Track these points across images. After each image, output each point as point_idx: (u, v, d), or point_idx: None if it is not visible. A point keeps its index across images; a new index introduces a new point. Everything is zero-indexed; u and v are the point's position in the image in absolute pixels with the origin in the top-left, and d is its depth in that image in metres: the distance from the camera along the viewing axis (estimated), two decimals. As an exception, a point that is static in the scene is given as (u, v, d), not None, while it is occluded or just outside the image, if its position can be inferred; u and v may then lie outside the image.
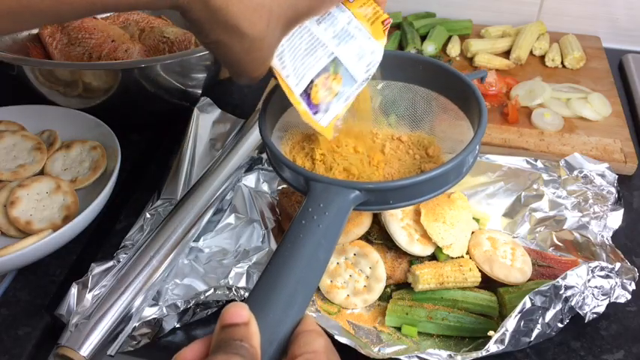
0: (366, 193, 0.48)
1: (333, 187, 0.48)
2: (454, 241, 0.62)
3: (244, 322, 0.37)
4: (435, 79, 0.62)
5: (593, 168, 0.72)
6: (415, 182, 0.50)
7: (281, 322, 0.40)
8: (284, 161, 0.53)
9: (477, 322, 0.60)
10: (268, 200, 0.72)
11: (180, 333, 0.61)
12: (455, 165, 0.51)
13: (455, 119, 0.61)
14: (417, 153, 0.63)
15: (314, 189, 0.48)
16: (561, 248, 0.67)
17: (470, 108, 0.58)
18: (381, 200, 0.50)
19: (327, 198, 0.47)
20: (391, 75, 0.63)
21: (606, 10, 1.07)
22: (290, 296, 0.41)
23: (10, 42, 0.92)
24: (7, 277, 0.65)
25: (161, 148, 0.84)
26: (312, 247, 0.44)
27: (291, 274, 0.42)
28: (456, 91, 0.60)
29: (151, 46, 0.92)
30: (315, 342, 0.39)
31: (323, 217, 0.46)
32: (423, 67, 0.62)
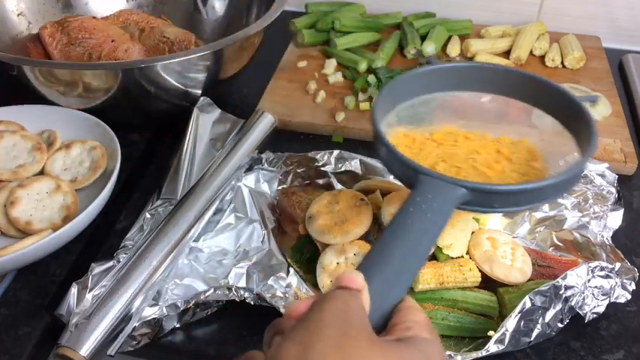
0: (471, 192, 0.51)
1: (442, 182, 0.51)
2: (454, 241, 0.62)
3: (358, 288, 0.40)
4: (545, 97, 0.63)
5: (593, 168, 0.72)
6: (521, 190, 0.52)
7: (386, 295, 0.42)
8: (396, 153, 0.55)
9: (477, 322, 0.60)
10: (268, 200, 0.72)
11: (180, 333, 0.61)
12: (565, 179, 0.53)
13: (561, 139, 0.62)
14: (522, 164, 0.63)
15: (424, 182, 0.51)
16: (561, 248, 0.67)
17: (578, 129, 0.60)
18: (485, 202, 0.52)
19: (436, 191, 0.50)
20: (498, 89, 0.65)
21: (606, 10, 1.07)
22: (395, 274, 0.44)
23: (10, 42, 0.92)
24: (7, 277, 0.65)
25: (161, 148, 0.84)
26: (419, 232, 0.47)
27: (397, 254, 0.45)
28: (564, 111, 0.61)
29: (151, 46, 0.92)
30: (416, 315, 0.41)
31: (431, 207, 0.48)
32: (535, 86, 0.63)
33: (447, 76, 0.65)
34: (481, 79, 0.65)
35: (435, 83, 0.65)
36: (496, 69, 0.66)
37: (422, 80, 0.65)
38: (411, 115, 0.65)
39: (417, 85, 0.65)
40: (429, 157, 0.61)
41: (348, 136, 0.86)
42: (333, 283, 0.41)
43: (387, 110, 0.63)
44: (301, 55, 1.03)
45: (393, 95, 0.63)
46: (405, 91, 0.64)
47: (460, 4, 1.11)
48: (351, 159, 0.74)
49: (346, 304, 0.38)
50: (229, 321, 0.62)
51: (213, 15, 1.02)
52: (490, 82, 0.65)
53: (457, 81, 0.66)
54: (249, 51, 0.86)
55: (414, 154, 0.62)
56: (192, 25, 1.01)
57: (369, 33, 1.05)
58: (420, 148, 0.63)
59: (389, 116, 0.63)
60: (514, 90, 0.65)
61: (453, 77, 0.66)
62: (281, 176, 0.75)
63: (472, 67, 0.67)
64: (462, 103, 0.67)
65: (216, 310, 0.62)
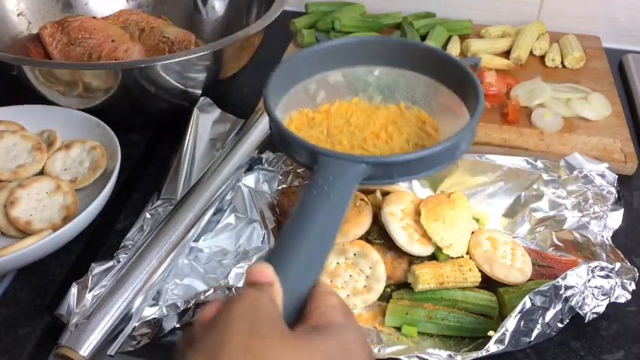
0: (372, 166, 0.51)
1: (342, 160, 0.50)
2: (454, 241, 0.62)
3: (269, 281, 0.39)
4: (430, 65, 0.64)
5: (593, 168, 0.72)
6: (419, 157, 0.52)
7: (299, 283, 0.42)
8: (293, 137, 0.54)
9: (477, 322, 0.60)
10: (268, 200, 0.72)
11: (180, 333, 0.61)
12: (456, 142, 0.53)
13: (451, 103, 0.63)
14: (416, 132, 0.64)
15: (324, 162, 0.50)
16: (561, 248, 0.67)
17: (467, 93, 0.60)
18: (386, 174, 0.52)
19: (336, 171, 0.50)
20: (387, 62, 0.66)
21: (606, 10, 1.07)
22: (306, 260, 0.43)
23: (10, 42, 0.92)
24: (7, 277, 0.65)
25: (161, 148, 0.84)
26: (325, 215, 0.46)
27: (306, 239, 0.44)
28: (451, 76, 0.62)
29: (151, 46, 0.92)
30: (330, 299, 0.40)
31: (333, 188, 0.48)
32: (418, 54, 0.64)
33: (337, 53, 0.65)
34: (369, 53, 0.66)
35: (325, 62, 0.66)
36: (382, 41, 0.67)
37: (312, 60, 0.65)
38: (305, 96, 0.65)
39: (309, 65, 0.65)
40: (326, 136, 0.62)
41: (348, 136, 0.86)
42: (244, 280, 0.39)
43: (281, 94, 0.62)
44: (301, 55, 1.02)
45: (286, 78, 0.63)
46: (297, 73, 0.64)
47: (460, 4, 1.11)
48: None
49: (254, 301, 0.37)
50: (229, 321, 0.62)
51: (213, 15, 1.02)
52: (379, 55, 0.66)
53: (347, 57, 0.66)
54: (249, 51, 0.86)
55: (311, 136, 0.62)
56: (192, 25, 1.01)
57: (369, 33, 1.05)
58: (316, 129, 0.63)
59: (283, 100, 0.63)
60: (403, 61, 0.65)
61: (342, 54, 0.66)
62: (281, 176, 0.75)
63: (359, 42, 0.67)
64: (354, 78, 0.67)
65: (216, 310, 0.62)
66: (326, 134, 0.63)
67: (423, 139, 0.62)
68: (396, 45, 0.66)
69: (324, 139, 0.62)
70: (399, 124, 0.64)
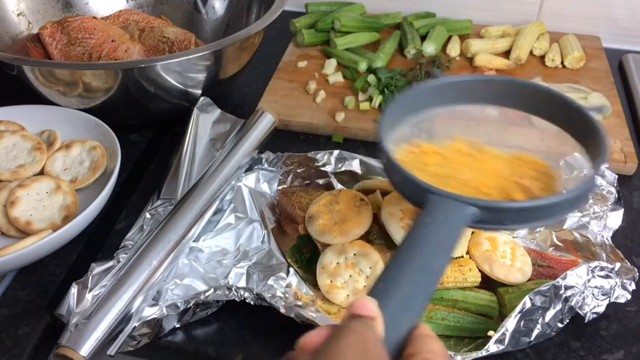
0: (482, 210, 0.49)
1: (454, 201, 0.49)
2: (454, 241, 0.62)
3: (372, 316, 0.38)
4: (554, 110, 0.62)
5: (593, 168, 0.72)
6: (531, 206, 0.51)
7: (400, 321, 0.41)
8: (404, 173, 0.53)
9: (477, 322, 0.60)
10: (268, 200, 0.72)
11: (180, 333, 0.61)
12: (576, 194, 0.52)
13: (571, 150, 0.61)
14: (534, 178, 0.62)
15: (434, 202, 0.49)
16: (561, 248, 0.67)
17: (588, 141, 0.59)
18: (496, 220, 0.51)
19: (445, 211, 0.49)
20: (509, 102, 0.64)
21: (606, 10, 1.07)
22: (407, 299, 0.42)
23: (10, 42, 0.92)
24: (7, 277, 0.65)
25: (161, 148, 0.84)
26: (431, 254, 0.46)
27: (410, 277, 0.43)
28: (574, 122, 0.60)
29: (151, 46, 0.92)
30: (433, 344, 0.39)
31: (441, 227, 0.47)
32: (544, 98, 0.62)
33: (454, 89, 0.64)
34: (489, 92, 0.64)
35: (440, 97, 0.64)
36: (504, 81, 0.65)
37: (427, 95, 0.64)
38: (418, 130, 0.64)
39: (423, 99, 0.63)
40: (437, 174, 0.60)
41: (348, 136, 0.87)
42: (346, 310, 0.39)
43: (393, 126, 0.61)
44: (301, 55, 1.03)
45: (399, 111, 0.61)
46: (410, 107, 0.63)
47: (460, 4, 1.11)
48: (351, 159, 0.74)
49: (362, 336, 0.36)
50: (229, 321, 0.62)
51: (213, 15, 1.02)
52: (498, 94, 0.64)
53: (464, 94, 0.64)
54: (249, 51, 0.86)
55: (422, 172, 0.59)
56: (192, 25, 1.01)
57: (369, 33, 1.05)
58: (427, 165, 0.61)
59: (396, 132, 0.61)
60: (521, 102, 0.63)
61: (459, 91, 0.64)
62: (281, 176, 0.75)
63: (480, 81, 0.66)
64: (469, 116, 0.66)
65: (216, 310, 0.62)
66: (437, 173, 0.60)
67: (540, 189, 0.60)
68: (517, 86, 0.64)
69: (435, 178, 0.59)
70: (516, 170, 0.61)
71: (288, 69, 0.99)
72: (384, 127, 0.58)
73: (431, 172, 0.60)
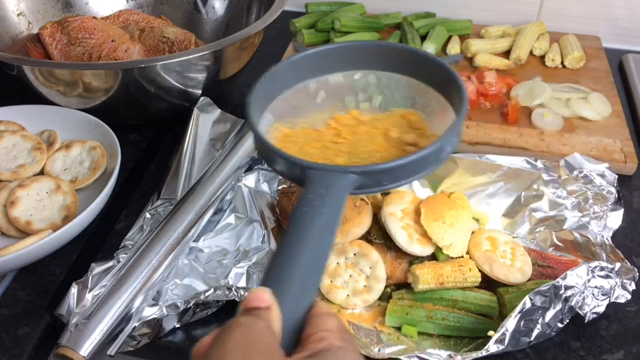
0: (361, 175, 0.50)
1: (331, 173, 0.49)
2: (454, 241, 0.62)
3: (267, 306, 0.38)
4: (412, 65, 0.62)
5: (593, 168, 0.72)
6: (404, 163, 0.50)
7: (296, 305, 0.40)
8: (279, 153, 0.53)
9: (477, 322, 0.60)
10: (268, 200, 0.72)
11: (180, 333, 0.61)
12: (444, 143, 0.52)
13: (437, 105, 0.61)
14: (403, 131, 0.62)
15: (312, 176, 0.49)
16: (561, 248, 0.67)
17: (450, 92, 0.59)
18: (376, 182, 0.51)
19: (326, 184, 0.48)
20: (368, 65, 0.64)
21: (606, 10, 1.07)
22: (303, 280, 0.42)
23: (10, 42, 0.92)
24: (7, 277, 0.65)
25: (161, 148, 0.84)
26: (318, 231, 0.45)
27: (301, 258, 0.43)
28: (434, 76, 0.61)
29: (151, 46, 0.92)
30: (328, 322, 0.39)
31: (323, 202, 0.47)
32: (399, 55, 0.63)
33: (317, 61, 0.64)
34: (349, 58, 0.64)
35: (306, 70, 0.64)
36: (360, 45, 0.66)
37: (293, 70, 0.64)
38: (288, 107, 0.64)
39: (289, 75, 0.64)
40: (314, 149, 0.60)
41: (348, 136, 0.86)
42: (240, 306, 0.39)
43: (264, 107, 0.61)
44: (301, 55, 1.02)
45: (267, 91, 0.61)
46: (278, 85, 0.63)
47: (460, 4, 1.11)
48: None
49: (248, 330, 0.35)
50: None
51: (213, 15, 1.02)
52: (359, 59, 0.64)
53: (327, 64, 0.65)
54: (249, 51, 0.86)
55: (300, 150, 0.60)
56: (192, 25, 1.01)
57: (369, 33, 1.05)
58: (303, 141, 0.61)
59: (266, 113, 0.61)
60: (384, 63, 0.64)
61: (322, 61, 0.64)
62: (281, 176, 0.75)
63: (338, 48, 0.66)
64: (336, 85, 0.66)
65: (216, 310, 0.62)
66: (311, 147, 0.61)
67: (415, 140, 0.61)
68: (373, 48, 0.65)
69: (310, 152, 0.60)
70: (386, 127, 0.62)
71: (288, 69, 0.99)
72: (253, 110, 0.57)
73: (309, 148, 0.60)
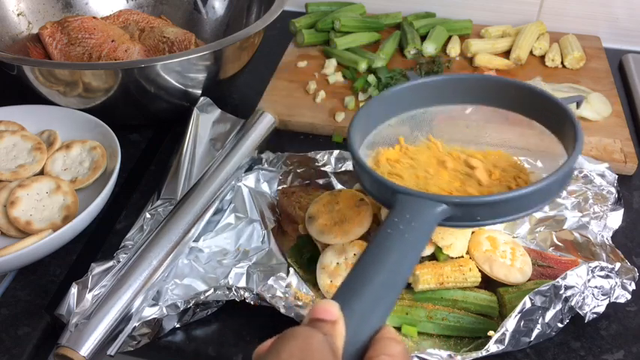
0: (453, 207, 0.49)
1: (421, 199, 0.49)
2: (454, 241, 0.62)
3: (333, 320, 0.37)
4: (527, 103, 0.62)
5: (593, 168, 0.72)
6: (502, 199, 0.50)
7: (363, 325, 0.40)
8: (372, 173, 0.53)
9: (477, 322, 0.60)
10: (268, 200, 0.72)
11: (180, 333, 0.61)
12: (546, 185, 0.50)
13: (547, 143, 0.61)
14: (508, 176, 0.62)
15: (402, 201, 0.49)
16: (561, 248, 0.67)
17: (564, 132, 0.58)
18: (468, 216, 0.50)
19: (414, 210, 0.48)
20: (481, 99, 0.64)
21: (606, 10, 1.07)
22: (374, 301, 0.41)
23: (10, 42, 0.92)
24: (7, 277, 0.65)
25: (161, 148, 0.84)
26: (398, 255, 0.45)
27: (376, 279, 0.42)
28: (549, 115, 0.60)
29: (151, 46, 0.92)
30: (394, 347, 0.38)
31: (409, 227, 0.46)
32: (515, 92, 0.62)
33: (425, 91, 0.64)
34: (460, 91, 0.64)
35: (413, 100, 0.64)
36: (474, 79, 0.65)
37: (400, 98, 0.63)
38: (391, 134, 0.64)
39: (395, 103, 0.63)
40: (409, 176, 0.60)
41: (348, 136, 0.86)
42: (307, 315, 0.38)
43: (365, 132, 0.61)
44: (301, 55, 1.03)
45: (372, 115, 0.61)
46: (383, 111, 0.63)
47: (460, 4, 1.11)
48: (351, 159, 0.74)
49: (306, 343, 0.35)
50: (229, 321, 0.62)
51: (213, 15, 1.02)
52: (470, 92, 0.64)
53: (436, 95, 0.64)
54: (249, 51, 0.86)
55: (394, 175, 0.60)
56: (192, 25, 1.01)
57: (369, 33, 1.05)
58: (398, 167, 0.61)
59: (367, 138, 0.61)
60: (495, 98, 0.63)
61: (430, 92, 0.64)
62: (281, 176, 0.75)
63: (450, 80, 0.65)
64: (442, 117, 0.65)
65: (216, 310, 0.62)
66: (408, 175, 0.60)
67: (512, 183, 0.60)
68: (488, 83, 0.64)
69: (407, 179, 0.60)
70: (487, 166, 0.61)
71: (288, 69, 0.99)
72: (354, 131, 0.58)
73: (402, 174, 0.60)
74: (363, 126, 0.61)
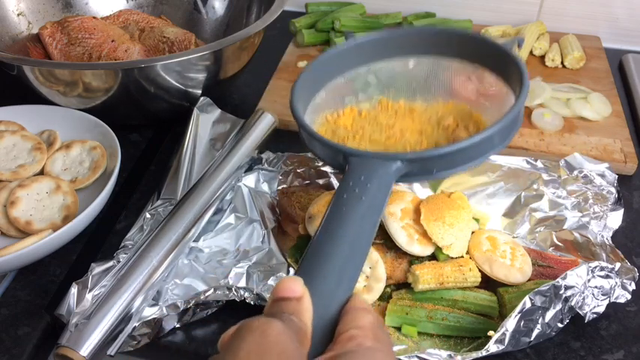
0: (408, 163, 0.47)
1: (374, 159, 0.47)
2: (454, 241, 0.62)
3: (297, 296, 0.36)
4: (469, 50, 0.60)
5: (593, 168, 0.72)
6: (454, 150, 0.48)
7: (331, 297, 0.38)
8: (320, 139, 0.51)
9: (477, 322, 0.60)
10: (268, 200, 0.72)
11: (180, 333, 0.61)
12: (498, 130, 0.49)
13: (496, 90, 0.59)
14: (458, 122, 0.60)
15: (354, 163, 0.47)
16: (561, 248, 0.67)
17: (510, 76, 0.57)
18: (425, 170, 0.49)
19: (368, 171, 0.46)
20: (423, 51, 0.62)
21: (606, 10, 1.07)
22: (339, 271, 0.40)
23: (10, 42, 0.92)
24: (7, 277, 0.65)
25: (161, 148, 0.84)
26: (358, 220, 0.43)
27: (338, 248, 0.41)
28: (494, 61, 0.59)
29: (151, 46, 0.92)
30: (362, 318, 0.36)
31: (365, 189, 0.45)
32: (456, 40, 0.61)
33: (367, 49, 0.62)
34: (402, 45, 0.62)
35: (355, 58, 0.62)
36: (414, 32, 0.63)
37: (339, 59, 0.61)
38: (334, 97, 0.62)
39: (336, 65, 0.61)
40: (364, 138, 0.58)
41: (348, 136, 0.86)
42: (270, 296, 0.36)
43: (309, 96, 0.59)
44: (301, 55, 1.03)
45: (313, 80, 0.59)
46: (324, 74, 0.61)
47: (460, 4, 1.11)
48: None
49: (264, 336, 0.32)
50: (229, 321, 0.62)
51: (213, 15, 1.02)
52: (411, 45, 0.62)
53: (378, 51, 0.62)
54: (249, 51, 0.86)
55: (343, 138, 0.58)
56: (192, 25, 1.01)
57: (369, 33, 1.05)
58: (348, 129, 0.59)
59: (312, 102, 0.59)
60: (436, 49, 0.61)
61: (372, 49, 0.62)
62: (281, 176, 0.75)
63: (390, 36, 0.63)
64: (387, 73, 0.64)
65: (216, 310, 0.62)
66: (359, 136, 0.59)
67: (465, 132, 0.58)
68: (428, 34, 0.62)
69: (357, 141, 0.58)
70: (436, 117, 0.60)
71: (288, 69, 0.99)
72: (296, 98, 0.56)
73: (358, 137, 0.58)
74: (307, 92, 0.59)
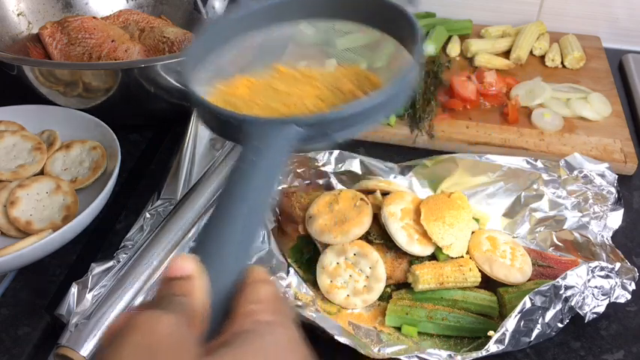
0: (305, 127, 0.45)
1: (269, 125, 0.45)
2: (454, 241, 0.62)
3: (187, 275, 0.33)
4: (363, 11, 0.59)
5: (593, 168, 0.72)
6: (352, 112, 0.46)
7: (227, 272, 0.37)
8: (212, 109, 0.49)
9: (477, 322, 0.60)
10: (268, 200, 0.72)
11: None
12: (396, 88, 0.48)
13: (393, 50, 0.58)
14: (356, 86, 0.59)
15: (248, 131, 0.45)
16: (561, 248, 0.67)
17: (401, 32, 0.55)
18: (322, 133, 0.47)
19: (262, 137, 0.44)
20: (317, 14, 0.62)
21: (606, 10, 1.07)
22: (232, 245, 0.38)
23: (10, 42, 0.92)
24: (7, 277, 0.65)
25: (161, 148, 0.84)
26: (255, 191, 0.42)
27: (235, 220, 0.39)
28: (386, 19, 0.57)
29: (151, 46, 0.92)
30: (260, 291, 0.34)
31: (261, 157, 0.43)
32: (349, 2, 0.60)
33: (256, 15, 0.60)
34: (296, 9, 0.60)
35: (249, 25, 0.60)
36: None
37: (232, 27, 0.59)
38: (229, 64, 0.59)
39: (228, 32, 0.59)
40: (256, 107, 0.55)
41: (347, 136, 0.86)
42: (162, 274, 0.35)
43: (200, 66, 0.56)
44: (301, 55, 1.02)
45: (204, 48, 0.56)
46: (218, 41, 0.58)
47: (460, 4, 1.11)
48: (351, 159, 0.74)
49: (151, 334, 0.29)
50: (229, 321, 0.62)
51: (213, 15, 1.02)
52: (304, 9, 0.60)
53: (270, 17, 0.60)
54: (249, 51, 0.86)
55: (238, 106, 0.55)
56: (192, 25, 1.01)
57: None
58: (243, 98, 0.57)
59: (203, 72, 0.56)
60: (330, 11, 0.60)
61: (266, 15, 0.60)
62: (281, 176, 0.75)
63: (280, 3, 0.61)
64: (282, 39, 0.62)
65: (216, 310, 0.62)
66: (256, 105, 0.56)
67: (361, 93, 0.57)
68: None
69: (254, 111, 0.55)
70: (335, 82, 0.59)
71: (288, 69, 0.99)
72: (187, 68, 0.53)
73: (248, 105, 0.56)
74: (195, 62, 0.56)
